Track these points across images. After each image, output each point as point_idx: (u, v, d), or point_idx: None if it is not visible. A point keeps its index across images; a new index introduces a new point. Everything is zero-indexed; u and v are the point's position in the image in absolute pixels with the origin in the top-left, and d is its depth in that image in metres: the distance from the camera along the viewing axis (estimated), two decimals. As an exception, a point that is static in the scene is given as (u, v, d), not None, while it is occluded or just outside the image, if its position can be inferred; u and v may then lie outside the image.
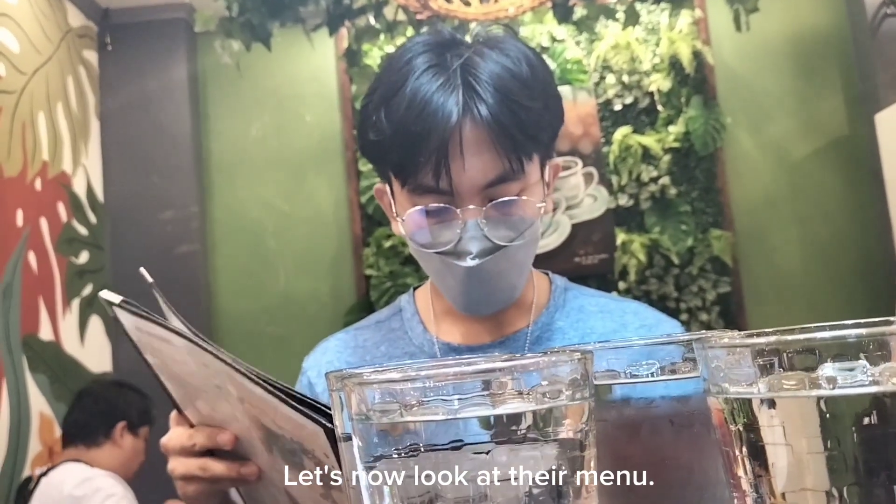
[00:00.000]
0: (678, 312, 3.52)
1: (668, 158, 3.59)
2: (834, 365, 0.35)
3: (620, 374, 0.50)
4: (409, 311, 1.11)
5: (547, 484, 0.37)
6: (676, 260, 3.54)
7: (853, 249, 3.56)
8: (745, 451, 0.37)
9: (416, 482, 0.37)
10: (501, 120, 0.91)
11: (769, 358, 0.36)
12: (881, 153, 3.25)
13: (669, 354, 0.50)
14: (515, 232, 0.95)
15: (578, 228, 3.58)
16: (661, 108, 3.62)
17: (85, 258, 3.40)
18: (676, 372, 0.49)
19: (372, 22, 3.02)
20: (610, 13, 3.10)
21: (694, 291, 3.54)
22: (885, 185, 3.23)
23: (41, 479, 2.46)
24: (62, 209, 3.27)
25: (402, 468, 0.37)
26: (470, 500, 0.36)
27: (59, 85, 3.33)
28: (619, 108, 3.64)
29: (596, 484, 0.40)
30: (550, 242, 3.54)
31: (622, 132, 3.60)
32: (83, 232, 3.42)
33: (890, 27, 3.26)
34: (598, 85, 3.65)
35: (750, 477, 0.38)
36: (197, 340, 0.70)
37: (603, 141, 3.62)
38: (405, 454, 0.37)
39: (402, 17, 3.00)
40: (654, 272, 3.56)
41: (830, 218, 3.59)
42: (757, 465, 0.37)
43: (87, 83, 3.59)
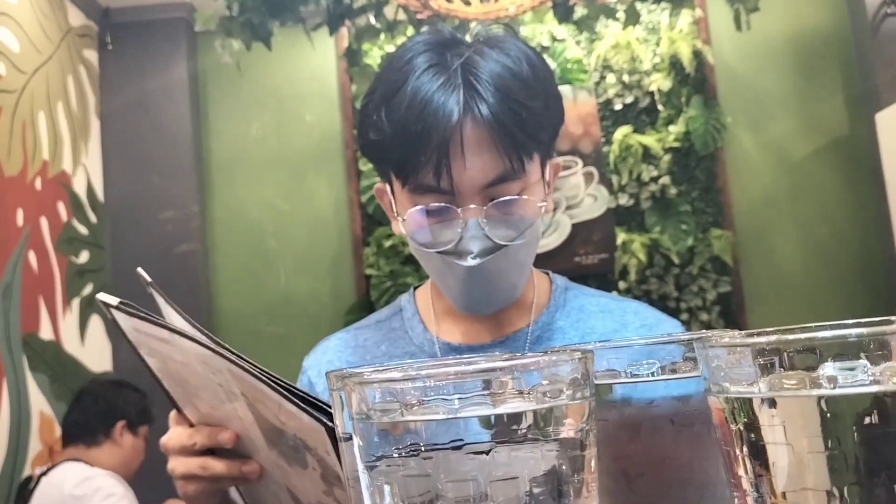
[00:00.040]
0: (678, 312, 3.51)
1: (668, 158, 3.59)
2: (835, 364, 0.35)
3: (621, 373, 0.50)
4: (409, 310, 1.11)
5: (547, 483, 0.37)
6: (677, 260, 3.54)
7: (853, 249, 3.56)
8: (745, 450, 0.37)
9: (416, 482, 0.37)
10: (502, 119, 0.91)
11: (770, 357, 0.36)
12: (881, 153, 3.25)
13: (670, 354, 0.50)
14: (516, 231, 0.95)
15: (579, 228, 3.58)
16: (661, 107, 3.62)
17: (85, 258, 3.40)
18: (677, 371, 0.49)
19: (372, 21, 3.02)
20: (610, 13, 3.09)
21: (694, 291, 3.54)
22: (885, 184, 3.23)
23: (41, 478, 2.46)
24: (62, 209, 3.27)
25: (402, 468, 0.37)
26: (470, 499, 0.36)
27: (59, 84, 3.33)
28: (619, 107, 3.64)
29: (596, 483, 0.39)
30: (551, 242, 3.54)
31: (622, 132, 3.60)
32: (83, 231, 3.42)
33: (890, 27, 3.26)
34: (598, 84, 3.65)
35: (750, 476, 0.38)
36: (198, 338, 0.70)
37: (603, 140, 3.62)
38: (406, 454, 0.37)
39: (402, 16, 3.00)
40: (654, 272, 3.56)
41: (831, 218, 3.59)
42: (757, 464, 0.37)
43: (87, 82, 3.59)
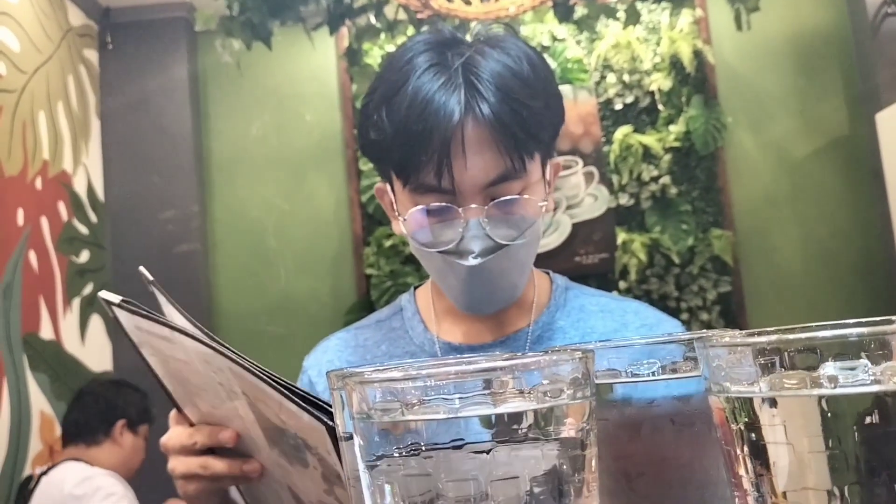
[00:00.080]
0: (679, 312, 3.51)
1: (668, 158, 3.59)
2: (835, 364, 0.35)
3: (621, 373, 0.50)
4: (409, 310, 1.11)
5: (548, 483, 0.37)
6: (677, 259, 3.54)
7: (854, 249, 3.56)
8: (746, 450, 0.37)
9: (417, 481, 0.37)
10: (503, 119, 0.91)
11: (770, 357, 0.36)
12: (882, 153, 3.25)
13: (670, 354, 0.50)
14: (517, 231, 0.95)
15: (579, 228, 3.58)
16: (661, 107, 3.62)
17: (85, 257, 3.40)
18: (677, 371, 0.49)
19: (372, 21, 3.02)
20: (611, 12, 3.09)
21: (694, 291, 3.54)
22: (885, 184, 3.23)
23: (42, 478, 2.46)
24: (63, 208, 3.27)
25: (403, 467, 0.37)
26: (471, 499, 0.36)
27: (59, 84, 3.33)
28: (619, 107, 3.64)
29: (597, 483, 0.39)
30: (551, 242, 3.54)
31: (623, 131, 3.60)
32: (84, 231, 3.42)
33: (891, 26, 3.26)
34: (598, 84, 3.65)
35: (751, 476, 0.37)
36: (199, 336, 0.70)
37: (603, 140, 3.62)
38: (406, 453, 0.37)
39: (402, 16, 3.00)
40: (654, 271, 3.56)
41: (831, 217, 3.59)
42: (758, 464, 0.37)
43: (87, 82, 3.59)
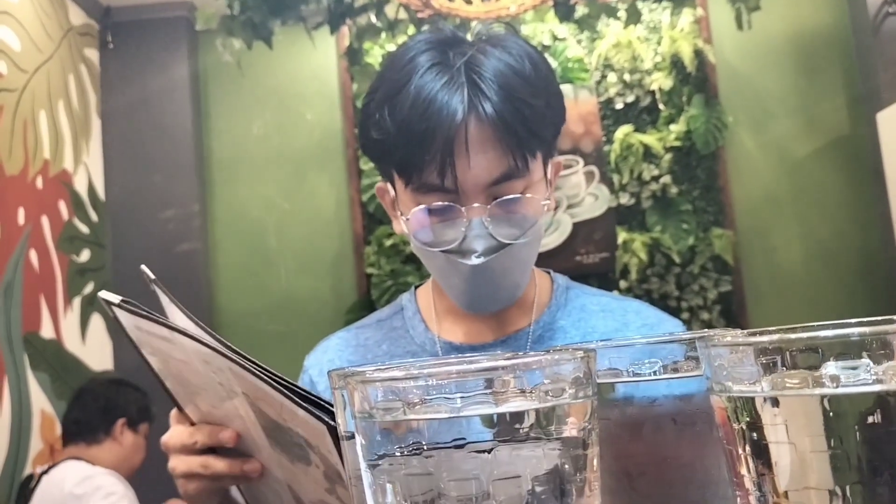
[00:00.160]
0: (679, 311, 3.51)
1: (669, 157, 3.59)
2: (837, 364, 0.35)
3: (623, 372, 0.50)
4: (410, 309, 1.11)
5: (550, 482, 0.37)
6: (678, 259, 3.54)
7: (854, 248, 3.56)
8: (748, 449, 0.37)
9: (418, 480, 0.36)
10: (506, 117, 0.91)
11: (772, 356, 0.36)
12: (882, 152, 3.25)
13: (672, 353, 0.50)
14: (520, 230, 0.95)
15: (579, 227, 3.58)
16: (662, 106, 3.62)
17: (86, 256, 3.40)
18: (679, 370, 0.49)
19: (373, 20, 3.01)
20: (611, 12, 3.09)
21: (695, 290, 3.54)
22: (886, 183, 3.23)
23: (42, 477, 2.47)
24: (63, 207, 3.27)
25: (404, 466, 0.37)
26: (473, 498, 0.36)
27: (60, 83, 3.33)
28: (620, 106, 3.64)
29: (599, 482, 0.39)
30: (551, 241, 3.54)
31: (623, 131, 3.60)
32: (84, 230, 3.42)
33: (891, 26, 3.26)
34: (599, 83, 3.65)
35: (753, 475, 0.37)
36: (199, 337, 0.70)
37: (604, 139, 3.62)
38: (408, 452, 0.37)
39: (403, 15, 2.99)
40: (655, 271, 3.56)
41: (832, 217, 3.59)
42: (760, 463, 0.37)
43: (88, 81, 3.59)
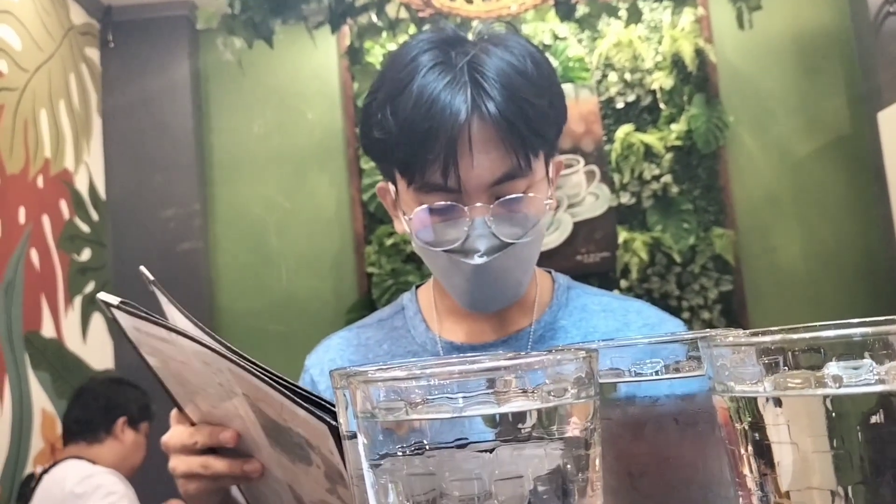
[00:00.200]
0: (680, 311, 3.51)
1: (670, 157, 3.58)
2: (839, 364, 0.35)
3: (625, 372, 0.50)
4: (411, 309, 1.11)
5: (552, 482, 0.37)
6: (678, 258, 3.54)
7: (855, 248, 3.56)
8: (750, 449, 0.37)
9: (420, 480, 0.36)
10: (509, 117, 0.91)
11: (774, 356, 0.36)
12: (883, 151, 3.25)
13: (673, 353, 0.50)
14: (522, 229, 0.95)
15: (580, 227, 3.58)
16: (663, 106, 3.62)
17: (87, 255, 3.40)
18: (680, 370, 0.49)
19: (374, 19, 3.01)
20: (612, 11, 3.09)
21: (696, 290, 3.54)
22: (887, 183, 3.23)
23: (43, 476, 2.47)
24: (64, 206, 3.27)
25: (406, 466, 0.37)
26: (475, 498, 0.36)
27: (61, 82, 3.33)
28: (621, 105, 3.63)
29: (601, 482, 0.39)
30: (552, 241, 3.54)
31: (624, 130, 3.60)
32: (85, 229, 3.42)
33: (893, 25, 3.25)
34: (600, 83, 3.65)
35: (755, 475, 0.37)
36: (198, 338, 0.70)
37: (605, 139, 3.62)
38: (410, 452, 0.37)
39: (404, 14, 2.99)
40: (655, 270, 3.56)
41: (832, 216, 3.58)
42: (762, 463, 0.37)
43: (89, 80, 3.59)
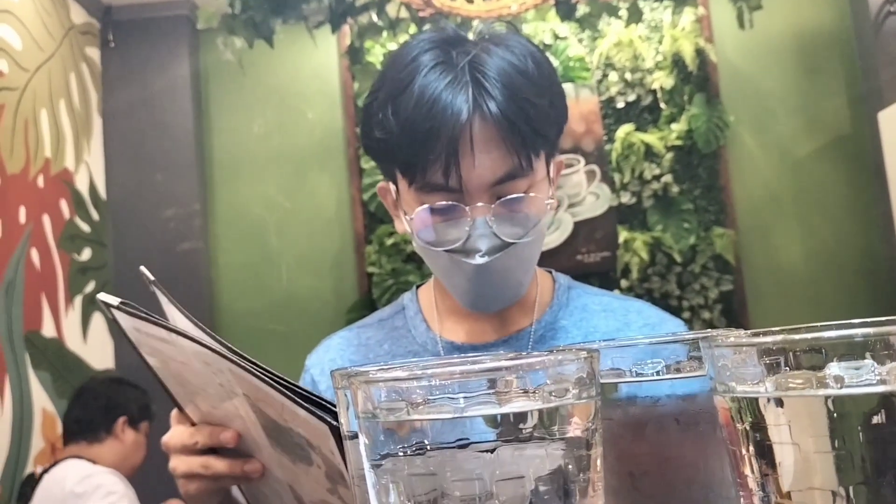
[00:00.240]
0: (680, 310, 3.51)
1: (670, 156, 3.58)
2: (841, 364, 0.35)
3: (626, 372, 0.50)
4: (412, 309, 1.11)
5: (553, 482, 0.37)
6: (679, 258, 3.54)
7: (856, 247, 3.56)
8: (751, 449, 0.37)
9: (422, 480, 0.36)
10: (511, 117, 0.91)
11: (776, 357, 0.36)
12: (884, 151, 3.25)
13: (674, 353, 0.50)
14: (523, 229, 0.95)
15: (581, 226, 3.58)
16: (663, 105, 3.62)
17: (87, 255, 3.40)
18: (681, 370, 0.49)
19: (374, 19, 3.01)
20: (613, 10, 3.09)
21: (696, 289, 3.54)
22: (887, 183, 3.22)
23: (43, 476, 2.47)
24: (65, 206, 3.27)
25: (408, 466, 0.37)
26: (476, 498, 0.36)
27: (61, 82, 3.33)
28: (621, 105, 3.63)
29: (602, 483, 0.39)
30: (552, 240, 3.54)
31: (625, 130, 3.59)
32: (86, 229, 3.42)
33: (893, 25, 3.25)
34: (600, 82, 3.65)
35: (756, 476, 0.37)
36: (198, 338, 0.70)
37: (605, 139, 3.62)
38: (411, 452, 0.37)
39: (404, 14, 2.99)
40: (656, 270, 3.56)
41: (833, 216, 3.58)
42: (764, 463, 0.37)
43: (89, 80, 3.59)
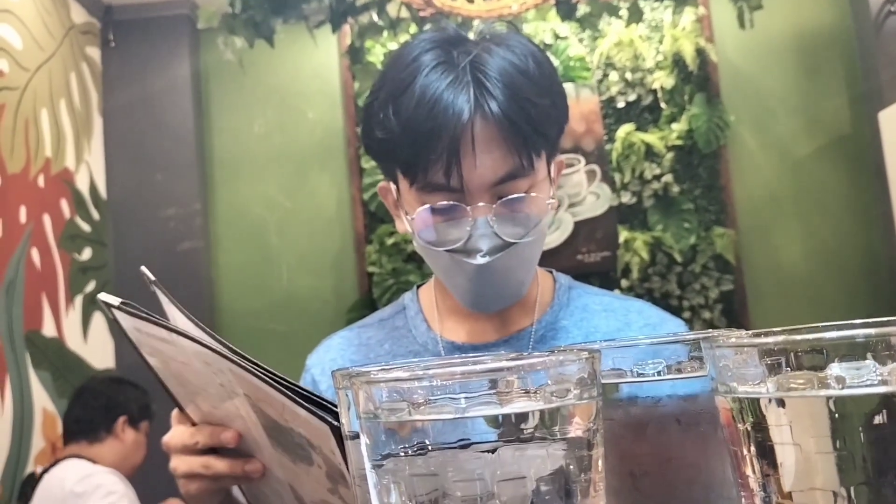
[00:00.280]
0: (681, 310, 3.51)
1: (671, 156, 3.58)
2: (842, 365, 0.35)
3: (627, 372, 0.50)
4: (412, 308, 1.11)
5: (554, 483, 0.37)
6: (679, 258, 3.54)
7: (856, 247, 3.56)
8: (753, 450, 0.37)
9: (423, 480, 0.36)
10: (512, 116, 0.91)
11: (777, 357, 0.36)
12: (884, 151, 3.25)
13: (675, 353, 0.50)
14: (524, 229, 0.95)
15: (581, 226, 3.58)
16: (664, 105, 3.62)
17: (88, 255, 3.40)
18: (682, 371, 0.49)
19: (375, 19, 3.01)
20: (613, 10, 3.09)
21: (696, 289, 3.54)
22: (888, 182, 3.22)
23: (43, 475, 2.47)
24: (65, 206, 3.27)
25: (409, 466, 0.37)
26: (477, 498, 0.36)
27: (62, 81, 3.33)
28: (622, 105, 3.63)
29: (604, 483, 0.39)
30: (553, 240, 3.54)
31: (625, 130, 3.59)
32: (86, 228, 3.42)
33: (893, 25, 3.25)
34: (601, 82, 3.64)
35: (758, 476, 0.37)
36: (199, 338, 0.70)
37: (606, 138, 3.62)
38: (413, 452, 0.37)
39: (405, 13, 2.99)
40: (656, 270, 3.56)
41: (833, 216, 3.58)
42: (765, 464, 0.37)
43: (90, 80, 3.59)
